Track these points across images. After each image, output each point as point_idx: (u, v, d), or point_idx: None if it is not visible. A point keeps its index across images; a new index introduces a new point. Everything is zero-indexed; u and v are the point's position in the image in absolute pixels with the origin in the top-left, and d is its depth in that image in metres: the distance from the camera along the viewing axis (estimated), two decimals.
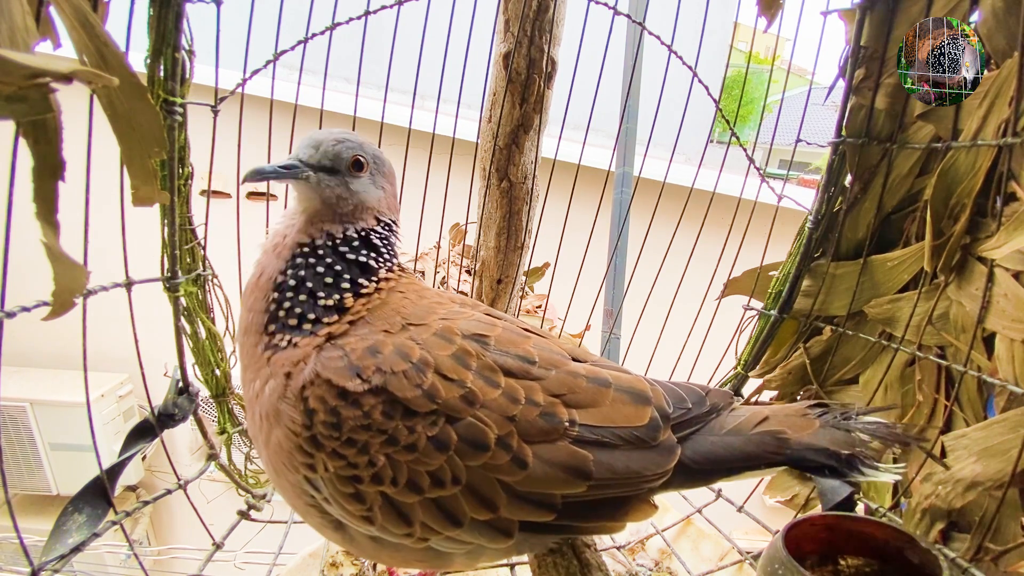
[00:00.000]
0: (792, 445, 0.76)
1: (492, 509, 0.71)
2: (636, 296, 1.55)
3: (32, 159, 0.62)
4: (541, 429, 0.72)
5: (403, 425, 0.70)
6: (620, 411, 0.76)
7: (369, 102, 1.38)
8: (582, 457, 0.72)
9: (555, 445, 0.72)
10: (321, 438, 0.70)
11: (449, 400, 0.71)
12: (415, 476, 0.70)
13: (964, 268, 0.98)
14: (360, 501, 0.72)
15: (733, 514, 1.32)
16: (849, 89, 1.11)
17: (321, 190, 0.80)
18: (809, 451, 0.75)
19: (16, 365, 3.68)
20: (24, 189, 0.64)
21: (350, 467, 0.70)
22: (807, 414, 0.80)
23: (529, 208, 1.50)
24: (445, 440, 0.70)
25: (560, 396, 0.75)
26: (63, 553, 0.88)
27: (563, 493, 0.72)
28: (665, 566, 1.41)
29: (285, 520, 1.27)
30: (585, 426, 0.74)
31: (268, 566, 1.21)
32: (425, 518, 0.72)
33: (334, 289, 0.78)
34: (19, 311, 0.74)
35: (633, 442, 0.74)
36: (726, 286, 1.39)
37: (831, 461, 0.74)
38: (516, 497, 0.71)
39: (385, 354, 0.72)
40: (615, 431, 0.74)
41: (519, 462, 0.71)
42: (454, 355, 0.74)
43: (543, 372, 0.77)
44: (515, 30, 1.31)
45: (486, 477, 0.70)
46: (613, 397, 0.77)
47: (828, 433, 0.77)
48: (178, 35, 0.98)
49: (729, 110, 1.49)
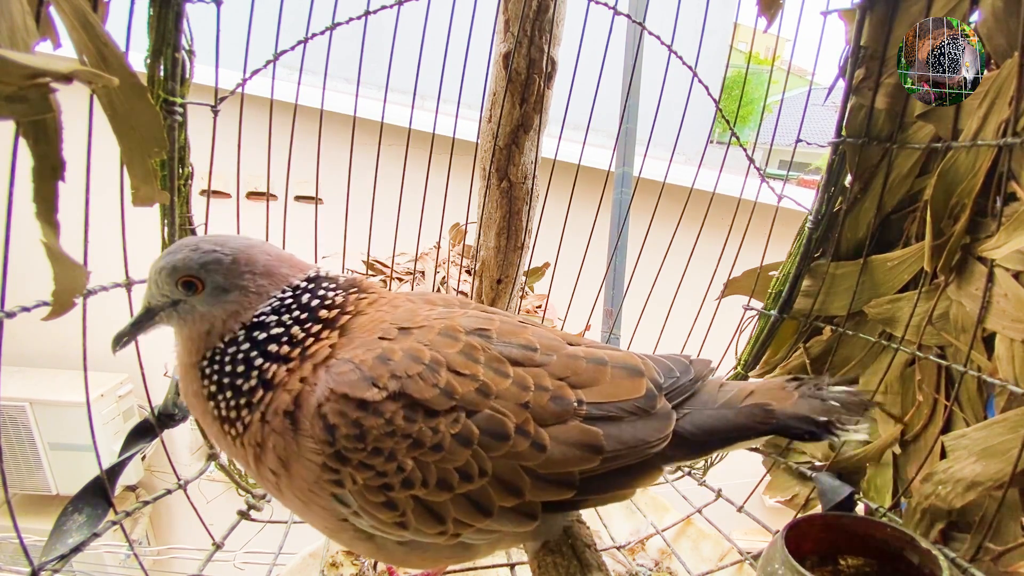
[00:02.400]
0: (778, 415, 0.81)
1: (518, 495, 0.73)
2: (636, 296, 1.55)
3: (32, 159, 0.62)
4: (553, 412, 0.75)
5: (426, 426, 0.71)
6: (620, 386, 0.80)
7: (369, 102, 1.38)
8: (593, 433, 0.75)
9: (568, 425, 0.75)
10: (346, 452, 0.70)
11: (466, 395, 0.72)
12: (444, 474, 0.71)
13: (964, 268, 0.98)
14: (392, 508, 0.72)
15: (733, 514, 1.32)
16: (849, 89, 1.11)
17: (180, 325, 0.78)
18: (793, 419, 0.81)
19: (16, 365, 3.68)
20: (24, 189, 0.64)
21: (379, 476, 0.71)
22: (786, 387, 0.86)
23: (529, 208, 1.50)
24: (468, 435, 0.71)
25: (565, 378, 0.78)
26: (63, 553, 0.88)
27: (580, 469, 0.75)
28: (665, 566, 1.41)
29: (285, 520, 1.27)
30: (592, 404, 0.77)
31: (268, 566, 1.21)
32: (457, 514, 0.73)
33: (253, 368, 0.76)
34: (19, 311, 0.74)
35: (635, 413, 0.78)
36: (726, 286, 1.39)
37: (811, 427, 0.81)
38: (539, 479, 0.74)
39: (396, 359, 0.73)
40: (618, 405, 0.78)
41: (538, 446, 0.73)
42: (462, 351, 0.75)
43: (545, 358, 0.79)
44: (515, 30, 1.31)
45: (510, 465, 0.72)
46: (611, 374, 0.81)
47: (807, 403, 0.83)
48: (178, 35, 0.98)
49: (729, 110, 1.49)
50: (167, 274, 0.76)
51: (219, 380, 0.76)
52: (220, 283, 0.76)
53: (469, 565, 1.20)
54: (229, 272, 0.77)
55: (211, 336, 0.77)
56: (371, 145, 1.41)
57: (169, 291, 0.77)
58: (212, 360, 0.77)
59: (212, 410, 0.77)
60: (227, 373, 0.76)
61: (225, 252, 0.77)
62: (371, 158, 1.40)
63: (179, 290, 0.76)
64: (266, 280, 0.79)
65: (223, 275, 0.76)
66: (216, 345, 0.77)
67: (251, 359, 0.75)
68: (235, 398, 0.75)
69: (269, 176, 1.24)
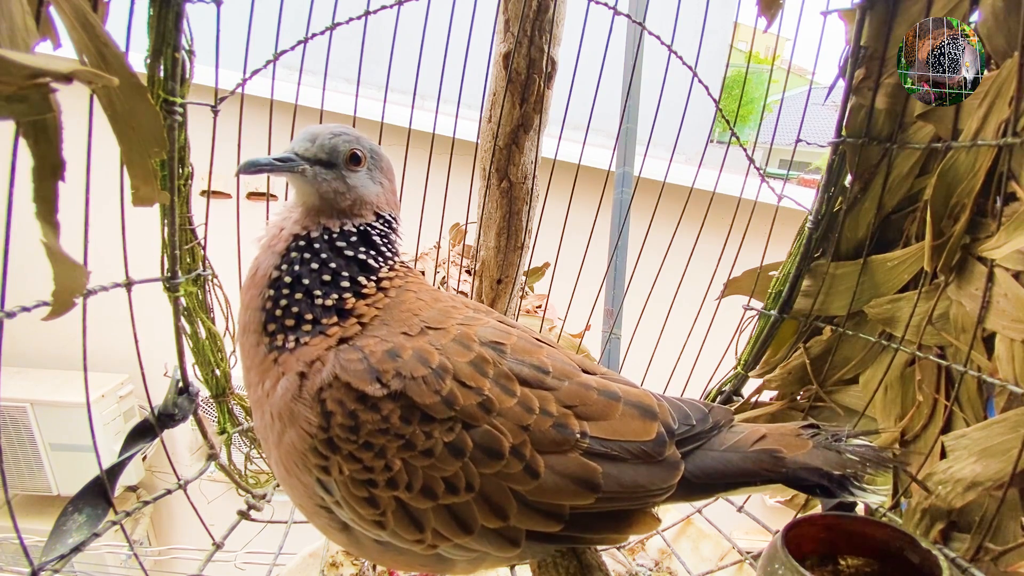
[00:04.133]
0: (788, 464, 0.78)
1: (503, 517, 0.71)
2: (636, 296, 1.55)
3: (32, 159, 0.62)
4: (553, 440, 0.73)
5: (420, 430, 0.70)
6: (629, 425, 0.77)
7: (369, 102, 1.38)
8: (592, 469, 0.73)
9: (566, 456, 0.73)
10: (338, 440, 0.70)
11: (467, 407, 0.71)
12: (430, 482, 0.70)
13: (964, 268, 0.98)
14: (373, 505, 0.72)
15: (733, 514, 1.32)
16: (849, 89, 1.10)
17: (318, 184, 0.79)
18: (804, 470, 0.77)
19: (16, 365, 3.68)
20: (24, 189, 0.64)
21: (366, 471, 0.70)
22: (800, 434, 0.82)
23: (529, 208, 1.50)
24: (461, 447, 0.70)
25: (572, 407, 0.76)
26: (63, 553, 0.88)
27: (571, 504, 0.72)
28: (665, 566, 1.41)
29: (285, 520, 1.27)
30: (595, 439, 0.74)
31: (268, 566, 1.21)
32: (437, 525, 0.72)
33: (332, 288, 0.77)
34: (19, 311, 0.74)
35: (640, 456, 0.75)
36: (726, 286, 1.39)
37: (824, 480, 0.77)
38: (526, 506, 0.72)
39: (405, 358, 0.72)
40: (624, 445, 0.75)
41: (531, 471, 0.71)
42: (472, 362, 0.74)
43: (556, 383, 0.77)
44: (515, 30, 1.31)
45: (499, 485, 0.71)
46: (622, 411, 0.77)
47: (821, 453, 0.79)
48: (178, 35, 0.98)
49: (729, 110, 1.49)
50: (346, 140, 0.80)
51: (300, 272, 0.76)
52: (376, 171, 0.84)
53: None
54: (384, 170, 0.86)
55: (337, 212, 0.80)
56: None
57: (328, 153, 0.79)
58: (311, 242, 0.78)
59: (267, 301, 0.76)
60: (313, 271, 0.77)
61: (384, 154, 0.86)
62: None
63: (342, 158, 0.80)
64: (392, 197, 0.88)
65: (380, 169, 0.85)
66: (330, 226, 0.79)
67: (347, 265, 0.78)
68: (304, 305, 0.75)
69: (269, 176, 1.24)
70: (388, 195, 0.86)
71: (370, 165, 0.83)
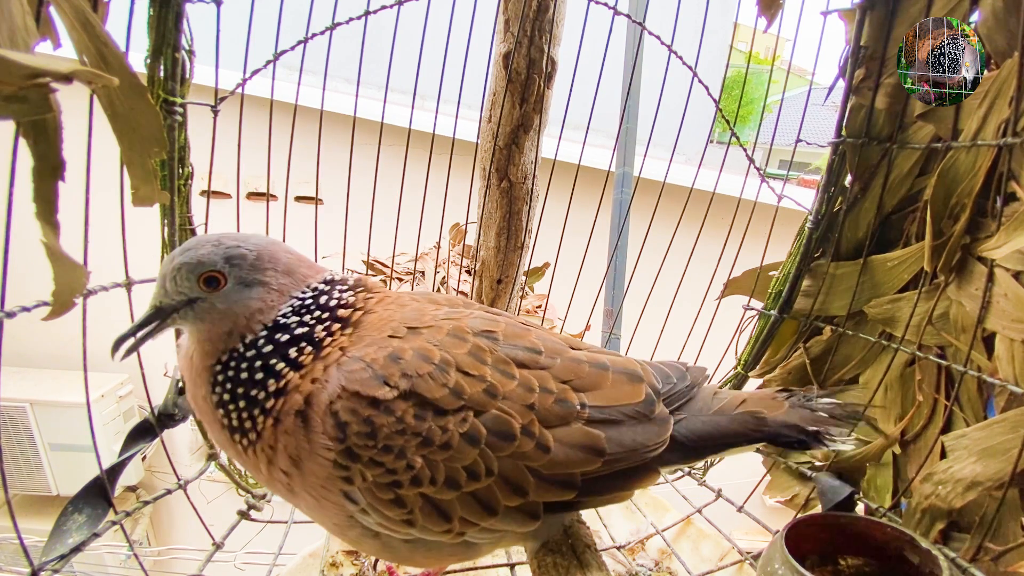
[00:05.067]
0: (769, 423, 0.85)
1: (523, 494, 0.75)
2: (636, 296, 1.55)
3: (32, 159, 0.62)
4: (557, 414, 0.76)
5: (436, 425, 0.72)
6: (620, 390, 0.82)
7: (369, 102, 1.38)
8: (595, 436, 0.77)
9: (571, 428, 0.77)
10: (356, 449, 0.71)
11: (474, 395, 0.74)
12: (452, 473, 0.72)
13: (964, 268, 0.98)
14: (401, 505, 0.73)
15: (733, 514, 1.32)
16: (849, 89, 1.10)
17: (197, 324, 0.75)
18: (784, 428, 0.85)
19: (16, 365, 3.68)
20: (24, 189, 0.64)
21: (389, 473, 0.71)
22: (776, 397, 0.89)
23: (529, 208, 1.50)
24: (475, 435, 0.72)
25: (568, 382, 0.80)
26: (63, 553, 0.88)
27: (582, 471, 0.76)
28: (665, 566, 1.41)
29: (285, 520, 1.27)
30: (594, 407, 0.79)
31: (268, 566, 1.21)
32: (464, 512, 0.74)
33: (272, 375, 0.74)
34: (19, 311, 0.74)
35: (635, 417, 0.80)
36: (726, 286, 1.39)
37: (801, 436, 0.84)
38: (542, 480, 0.75)
39: (407, 359, 0.74)
40: (619, 409, 0.80)
41: (543, 447, 0.75)
42: (470, 352, 0.77)
43: (550, 361, 0.81)
44: (515, 30, 1.31)
45: (515, 465, 0.74)
46: (612, 379, 0.82)
47: (797, 412, 0.86)
48: (178, 35, 0.98)
49: (729, 110, 1.49)
50: (189, 270, 0.73)
51: (233, 388, 0.73)
52: (244, 279, 0.74)
53: (469, 565, 1.21)
54: (253, 267, 0.75)
55: (231, 336, 0.75)
56: (371, 145, 1.41)
57: (188, 288, 0.74)
58: (227, 365, 0.74)
59: (221, 418, 0.75)
60: (242, 381, 0.73)
61: (248, 247, 0.76)
62: (371, 158, 1.40)
63: (200, 287, 0.73)
64: (287, 279, 0.78)
65: (247, 270, 0.75)
66: (234, 347, 0.74)
67: (271, 365, 0.73)
68: (248, 408, 0.73)
69: (269, 176, 1.24)
70: (280, 280, 0.77)
71: (233, 275, 0.74)
